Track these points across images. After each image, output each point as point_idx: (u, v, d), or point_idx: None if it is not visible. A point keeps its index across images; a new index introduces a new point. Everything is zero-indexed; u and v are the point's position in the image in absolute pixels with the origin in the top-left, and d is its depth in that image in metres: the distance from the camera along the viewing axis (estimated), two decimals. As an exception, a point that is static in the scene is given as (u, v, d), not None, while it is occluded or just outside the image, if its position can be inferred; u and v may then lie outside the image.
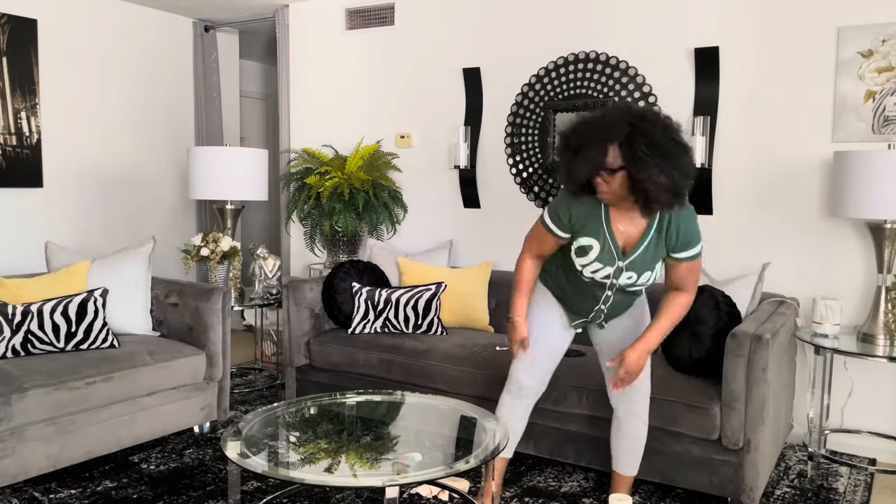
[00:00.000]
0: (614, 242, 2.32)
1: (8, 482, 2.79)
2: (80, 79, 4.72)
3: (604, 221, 2.32)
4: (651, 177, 2.08)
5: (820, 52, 3.42)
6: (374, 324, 3.74)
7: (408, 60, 4.59)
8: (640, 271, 2.35)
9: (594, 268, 2.36)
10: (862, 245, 3.39)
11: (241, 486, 2.57)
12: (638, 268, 2.34)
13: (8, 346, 3.07)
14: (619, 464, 2.72)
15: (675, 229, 2.26)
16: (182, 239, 5.41)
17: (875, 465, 3.36)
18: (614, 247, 2.32)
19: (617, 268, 2.35)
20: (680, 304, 2.38)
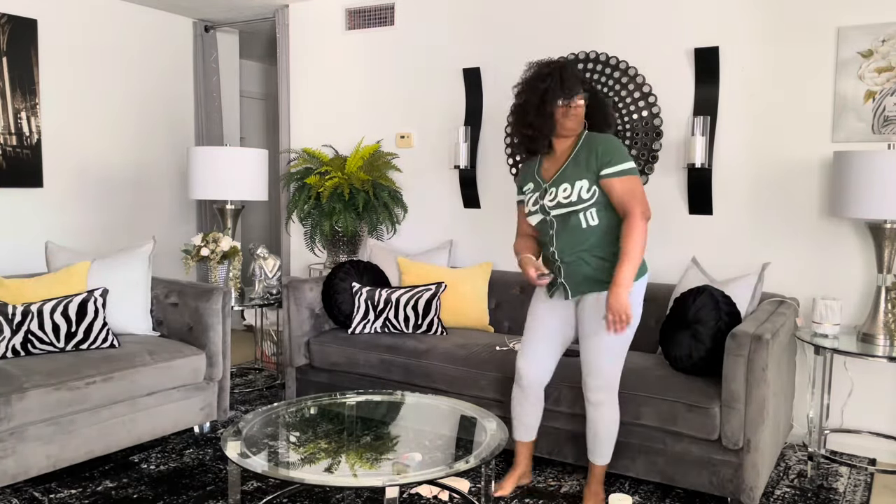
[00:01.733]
0: (541, 176, 2.75)
1: (8, 482, 2.79)
2: (80, 79, 4.72)
3: (535, 168, 2.78)
4: (603, 97, 2.73)
5: (820, 52, 3.42)
6: (374, 324, 3.75)
7: (408, 60, 4.59)
8: (558, 185, 2.64)
9: (530, 198, 2.75)
10: (862, 245, 3.39)
11: (241, 486, 2.57)
12: (557, 183, 2.65)
13: (8, 346, 3.07)
14: (590, 451, 2.80)
15: (598, 147, 2.59)
16: (182, 239, 5.41)
17: (875, 465, 3.36)
18: (541, 178, 2.74)
19: (542, 189, 2.70)
20: (630, 229, 2.52)
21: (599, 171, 2.57)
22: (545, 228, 2.70)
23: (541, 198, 2.69)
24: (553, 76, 2.59)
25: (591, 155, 2.59)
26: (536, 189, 2.72)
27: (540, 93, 2.59)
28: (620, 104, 3.85)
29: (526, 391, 2.86)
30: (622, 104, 3.85)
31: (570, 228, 2.62)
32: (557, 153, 2.70)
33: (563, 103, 2.59)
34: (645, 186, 3.85)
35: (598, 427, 2.74)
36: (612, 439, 2.76)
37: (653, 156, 3.80)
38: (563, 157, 2.68)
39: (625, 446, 2.96)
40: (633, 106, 3.82)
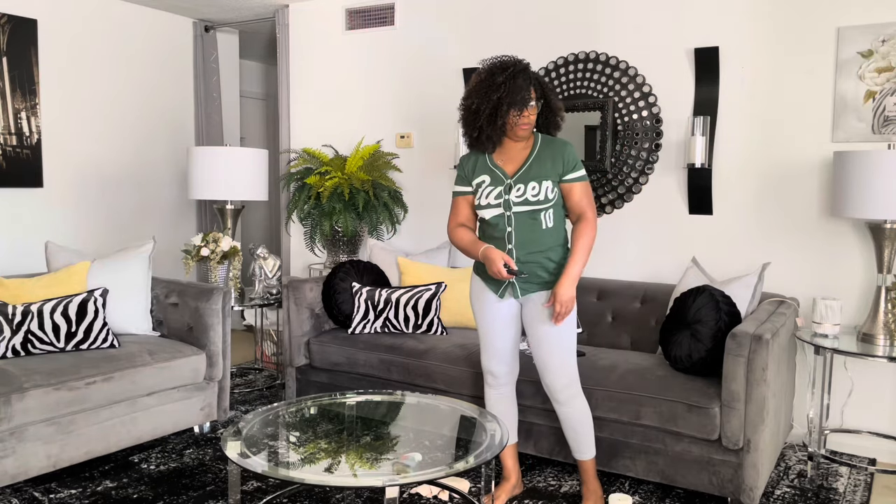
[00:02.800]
0: (500, 169, 2.69)
1: (8, 482, 2.79)
2: (80, 79, 4.72)
3: (488, 160, 2.72)
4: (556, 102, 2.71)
5: (820, 52, 3.42)
6: (374, 324, 3.75)
7: (408, 60, 4.59)
8: (526, 182, 2.63)
9: (487, 191, 2.67)
10: (862, 245, 3.39)
11: (241, 486, 2.57)
12: (524, 179, 2.64)
13: (8, 346, 3.07)
14: (575, 450, 2.79)
15: (564, 153, 2.64)
16: (182, 239, 5.41)
17: (875, 465, 3.36)
18: (500, 171, 2.68)
19: (507, 185, 2.65)
20: (582, 232, 2.62)
21: (564, 174, 2.63)
22: (501, 224, 2.65)
23: (506, 192, 2.63)
24: (506, 85, 2.53)
25: (556, 158, 2.63)
26: (496, 183, 2.66)
27: (492, 103, 2.54)
28: (620, 104, 3.85)
29: (501, 389, 2.84)
30: (622, 104, 3.85)
31: (529, 227, 2.63)
32: (510, 150, 2.69)
33: (515, 112, 2.56)
34: (645, 186, 3.86)
35: (576, 422, 2.74)
36: (591, 430, 2.78)
37: (653, 156, 3.80)
38: (522, 155, 2.67)
39: (625, 446, 2.97)
40: (633, 106, 3.82)
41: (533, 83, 2.59)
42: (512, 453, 2.93)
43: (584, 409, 2.75)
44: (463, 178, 2.76)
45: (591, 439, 2.78)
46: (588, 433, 2.76)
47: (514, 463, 2.92)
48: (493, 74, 2.58)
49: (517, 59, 2.62)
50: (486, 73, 2.60)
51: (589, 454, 2.78)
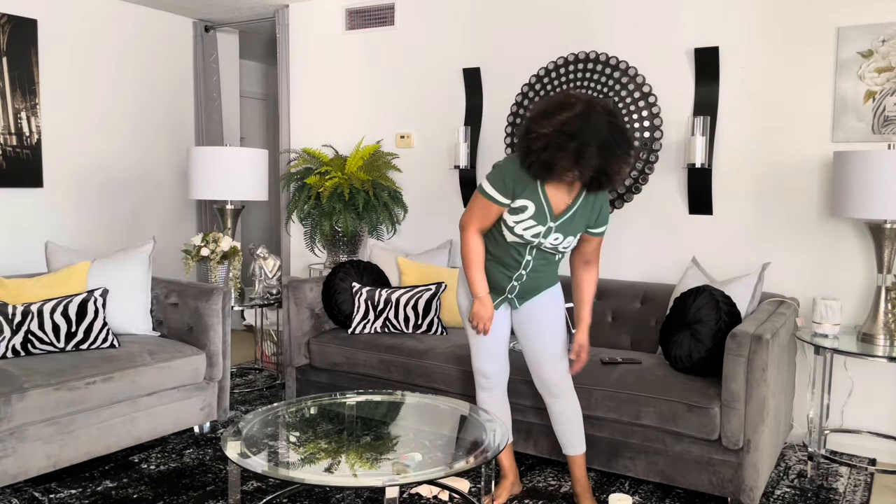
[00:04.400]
0: (548, 204, 2.53)
1: (8, 482, 2.79)
2: (80, 79, 4.72)
3: (539, 187, 2.52)
4: (619, 169, 2.41)
5: (820, 52, 3.42)
6: (374, 324, 3.75)
7: (408, 60, 4.59)
8: (566, 234, 2.57)
9: (527, 225, 2.54)
10: (862, 245, 3.39)
11: (241, 486, 2.57)
12: (564, 230, 2.57)
13: (8, 346, 3.07)
14: (568, 445, 2.81)
15: (600, 207, 2.59)
16: (182, 239, 5.41)
17: (875, 465, 3.36)
18: (548, 207, 2.53)
19: (548, 227, 2.55)
20: (595, 276, 2.73)
21: (593, 228, 2.62)
22: (521, 253, 2.61)
23: (544, 235, 2.54)
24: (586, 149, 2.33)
25: (594, 211, 2.58)
26: (539, 219, 2.51)
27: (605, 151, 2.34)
28: (620, 104, 3.85)
29: (493, 391, 2.84)
30: (622, 104, 3.85)
31: (545, 261, 2.67)
32: (560, 184, 2.51)
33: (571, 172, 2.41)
34: (645, 186, 3.86)
35: (571, 414, 2.78)
36: (580, 425, 2.82)
37: (653, 156, 3.80)
38: (571, 197, 2.53)
39: (625, 446, 2.97)
40: (633, 106, 3.82)
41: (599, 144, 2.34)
42: (508, 453, 2.93)
43: (577, 403, 2.81)
44: (504, 188, 2.51)
45: (582, 434, 2.82)
46: (581, 427, 2.81)
47: (511, 462, 2.93)
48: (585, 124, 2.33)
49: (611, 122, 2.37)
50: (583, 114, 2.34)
51: (581, 448, 2.81)
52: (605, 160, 2.35)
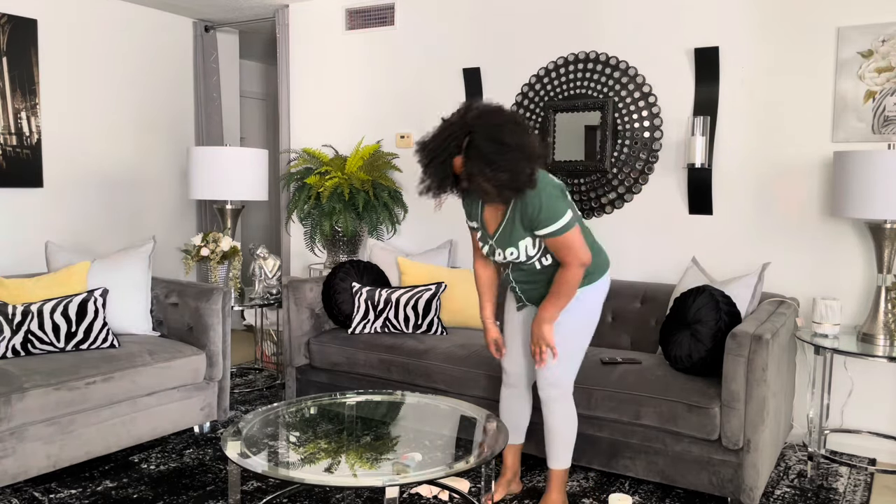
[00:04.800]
0: (484, 225, 2.63)
1: (8, 482, 2.79)
2: (80, 79, 4.72)
3: (479, 208, 2.63)
4: (480, 183, 2.34)
5: (820, 52, 3.42)
6: (374, 324, 3.74)
7: (408, 60, 4.59)
8: (505, 247, 2.57)
9: (480, 243, 2.67)
10: (862, 245, 3.39)
11: (241, 486, 2.57)
12: (503, 244, 2.57)
13: (8, 346, 3.07)
14: (547, 455, 2.75)
15: (532, 209, 2.43)
16: (182, 239, 5.41)
17: (875, 465, 3.36)
18: (484, 228, 2.63)
19: (490, 245, 2.62)
20: (561, 277, 2.51)
21: (535, 230, 2.47)
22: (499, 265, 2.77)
23: (490, 253, 2.61)
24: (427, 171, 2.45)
25: (524, 216, 2.46)
26: (483, 239, 2.63)
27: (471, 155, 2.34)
28: (620, 104, 3.85)
29: (512, 389, 2.86)
30: (622, 104, 3.85)
31: (524, 271, 2.66)
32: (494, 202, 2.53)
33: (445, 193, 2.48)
34: (645, 186, 3.85)
35: (550, 426, 2.69)
36: (565, 440, 2.70)
37: (653, 156, 3.80)
38: (501, 211, 2.54)
39: (625, 446, 2.97)
40: (633, 106, 3.82)
41: (460, 154, 2.35)
42: (513, 451, 2.92)
43: (564, 418, 2.68)
44: (468, 215, 2.69)
45: (563, 451, 2.71)
46: (560, 443, 2.69)
47: (514, 461, 2.92)
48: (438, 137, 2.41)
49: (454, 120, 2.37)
50: (439, 131, 2.41)
51: (556, 463, 2.72)
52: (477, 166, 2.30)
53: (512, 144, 2.29)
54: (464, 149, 2.33)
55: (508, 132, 2.30)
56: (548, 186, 2.44)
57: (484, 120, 2.33)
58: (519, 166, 2.30)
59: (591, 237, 2.67)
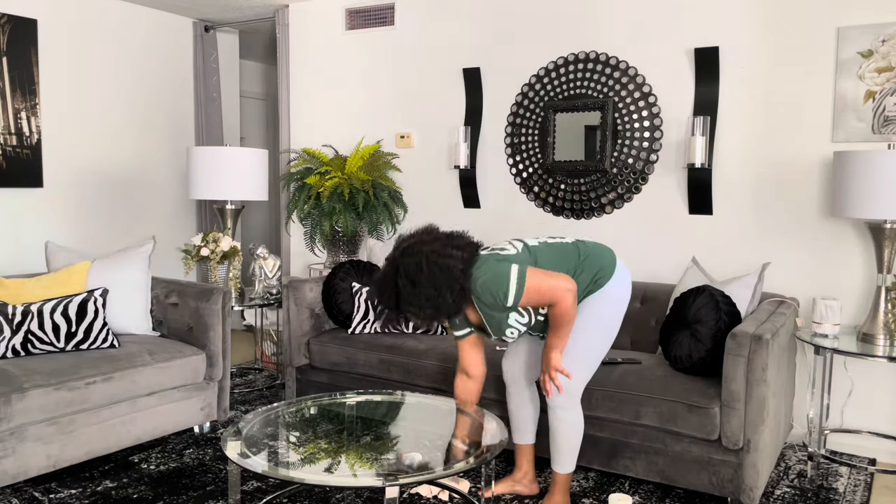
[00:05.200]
0: (471, 324, 2.71)
1: (8, 482, 2.79)
2: (80, 79, 4.72)
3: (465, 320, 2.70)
4: (413, 315, 2.47)
5: (820, 52, 3.42)
6: (374, 324, 3.74)
7: (408, 60, 4.59)
8: (502, 333, 2.62)
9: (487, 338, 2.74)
10: (862, 245, 3.39)
11: (241, 486, 2.57)
12: (499, 332, 2.62)
13: (8, 346, 3.07)
14: (551, 458, 2.76)
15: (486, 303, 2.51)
16: (182, 239, 5.41)
17: (875, 465, 3.36)
18: (476, 327, 2.71)
19: (496, 339, 2.68)
20: (554, 313, 2.52)
21: (506, 308, 2.52)
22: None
23: (498, 341, 2.76)
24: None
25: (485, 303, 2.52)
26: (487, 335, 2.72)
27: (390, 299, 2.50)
28: (620, 104, 3.85)
29: (510, 388, 2.88)
30: (622, 104, 3.85)
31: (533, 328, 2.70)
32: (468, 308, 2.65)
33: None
34: (645, 186, 3.85)
35: (556, 431, 2.68)
36: (571, 446, 2.69)
37: (653, 156, 3.80)
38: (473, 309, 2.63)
39: (625, 446, 2.97)
40: (633, 106, 3.82)
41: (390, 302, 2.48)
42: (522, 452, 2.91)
43: (570, 425, 2.67)
44: (456, 324, 2.71)
45: (568, 457, 2.71)
46: (566, 449, 2.69)
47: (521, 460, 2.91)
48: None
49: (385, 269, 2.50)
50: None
51: (561, 467, 2.72)
52: (404, 302, 2.44)
53: (426, 283, 2.39)
54: (395, 292, 2.45)
55: (425, 269, 2.39)
56: (480, 270, 2.48)
57: (405, 258, 2.43)
58: (438, 301, 2.41)
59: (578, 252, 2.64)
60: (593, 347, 2.64)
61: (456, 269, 2.42)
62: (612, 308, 2.64)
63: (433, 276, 2.40)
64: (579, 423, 2.69)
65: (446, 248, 2.46)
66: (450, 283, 2.41)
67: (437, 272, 2.40)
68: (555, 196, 4.09)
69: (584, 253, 2.63)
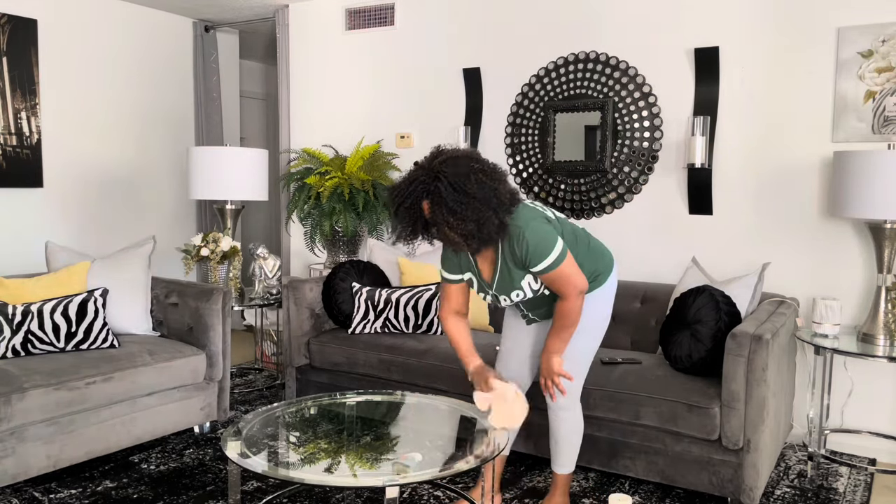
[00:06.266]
0: (480, 275, 2.54)
1: (8, 482, 2.79)
2: (80, 79, 4.72)
3: (471, 258, 2.51)
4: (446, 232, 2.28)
5: (820, 52, 3.42)
6: (374, 324, 3.75)
7: (408, 60, 4.59)
8: (508, 292, 2.50)
9: (481, 294, 2.58)
10: (862, 245, 3.39)
11: (241, 486, 2.57)
12: (505, 290, 2.50)
13: (8, 346, 3.07)
14: (552, 460, 2.74)
15: (520, 250, 2.37)
16: (182, 239, 5.41)
17: (875, 465, 3.36)
18: (480, 279, 2.54)
19: (492, 295, 2.54)
20: (562, 310, 2.46)
21: (529, 268, 2.40)
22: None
23: (495, 300, 2.54)
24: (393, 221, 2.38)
25: (516, 256, 2.38)
26: (482, 288, 2.55)
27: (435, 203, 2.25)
28: (620, 104, 3.85)
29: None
30: (622, 104, 3.85)
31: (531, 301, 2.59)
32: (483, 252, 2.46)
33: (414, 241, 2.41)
34: (645, 186, 3.85)
35: (556, 432, 2.67)
36: (572, 446, 2.69)
37: (653, 156, 3.80)
38: (491, 258, 2.46)
39: (625, 446, 2.97)
40: (633, 106, 3.82)
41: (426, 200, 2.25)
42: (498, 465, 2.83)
43: (571, 426, 2.66)
44: (453, 265, 2.54)
45: (568, 457, 2.70)
46: (567, 449, 2.69)
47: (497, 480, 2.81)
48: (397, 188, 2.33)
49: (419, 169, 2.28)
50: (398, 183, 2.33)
51: (562, 468, 2.72)
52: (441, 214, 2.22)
53: (477, 195, 2.21)
54: (430, 193, 2.24)
55: (474, 182, 2.21)
56: (531, 222, 2.34)
57: (450, 167, 2.23)
58: (484, 216, 2.22)
59: (588, 239, 2.59)
60: (590, 348, 2.64)
61: (504, 196, 2.26)
62: (606, 308, 2.63)
63: (483, 192, 2.21)
64: (580, 423, 2.70)
65: (495, 174, 2.28)
66: (497, 208, 2.23)
67: (486, 190, 2.22)
68: (555, 196, 4.09)
69: (592, 246, 2.59)
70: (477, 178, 2.22)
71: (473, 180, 2.21)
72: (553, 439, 2.70)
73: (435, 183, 2.21)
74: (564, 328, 2.48)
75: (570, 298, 2.42)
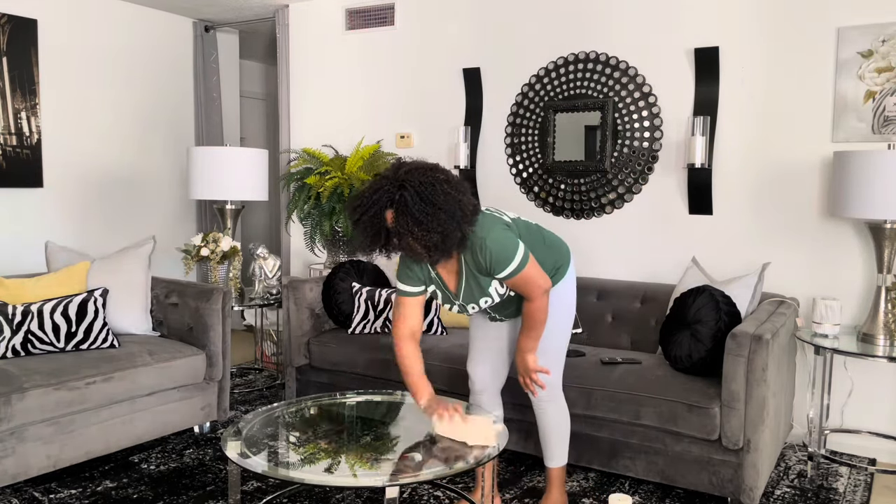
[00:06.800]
0: (444, 286, 2.50)
1: (8, 482, 2.79)
2: (80, 79, 4.72)
3: (431, 271, 2.48)
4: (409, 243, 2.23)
5: (820, 52, 3.42)
6: (374, 324, 3.74)
7: (408, 60, 4.59)
8: (477, 300, 2.48)
9: (446, 306, 2.55)
10: (862, 245, 3.39)
11: (241, 486, 2.57)
12: (472, 299, 2.48)
13: (8, 346, 3.07)
14: (544, 455, 2.73)
15: (483, 259, 2.35)
16: (182, 239, 5.41)
17: (875, 465, 3.36)
18: (446, 290, 2.50)
19: (459, 304, 2.51)
20: (529, 310, 2.46)
21: (493, 274, 2.38)
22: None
23: (461, 310, 2.52)
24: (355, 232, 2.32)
25: (479, 265, 2.37)
26: (448, 300, 2.51)
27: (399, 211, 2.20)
28: (620, 104, 3.85)
29: (482, 397, 2.76)
30: (622, 104, 3.85)
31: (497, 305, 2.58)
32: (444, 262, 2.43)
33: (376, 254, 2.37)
34: (645, 186, 3.85)
35: (545, 426, 2.68)
36: (561, 438, 2.69)
37: (653, 156, 3.80)
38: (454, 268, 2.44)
39: (625, 446, 2.97)
40: (633, 106, 3.82)
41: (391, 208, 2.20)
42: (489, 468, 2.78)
43: (557, 416, 2.67)
44: (413, 278, 2.46)
45: (561, 448, 2.70)
46: (557, 441, 2.69)
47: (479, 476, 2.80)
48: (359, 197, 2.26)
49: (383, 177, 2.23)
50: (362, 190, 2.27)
51: (555, 462, 2.72)
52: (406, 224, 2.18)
53: (443, 206, 2.18)
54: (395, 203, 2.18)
55: (440, 192, 2.19)
56: (491, 231, 2.33)
57: (416, 176, 2.20)
58: (449, 227, 2.20)
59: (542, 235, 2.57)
60: (562, 338, 2.64)
61: (467, 208, 2.25)
62: (570, 297, 2.63)
63: (448, 203, 2.19)
64: (566, 413, 2.70)
65: (459, 185, 2.27)
66: (459, 219, 2.22)
67: (451, 201, 2.20)
68: (555, 196, 4.09)
69: (548, 240, 2.58)
70: (443, 189, 2.20)
71: (440, 190, 2.19)
72: (542, 433, 2.71)
73: (401, 192, 2.17)
74: (534, 328, 2.49)
75: (537, 299, 2.42)
